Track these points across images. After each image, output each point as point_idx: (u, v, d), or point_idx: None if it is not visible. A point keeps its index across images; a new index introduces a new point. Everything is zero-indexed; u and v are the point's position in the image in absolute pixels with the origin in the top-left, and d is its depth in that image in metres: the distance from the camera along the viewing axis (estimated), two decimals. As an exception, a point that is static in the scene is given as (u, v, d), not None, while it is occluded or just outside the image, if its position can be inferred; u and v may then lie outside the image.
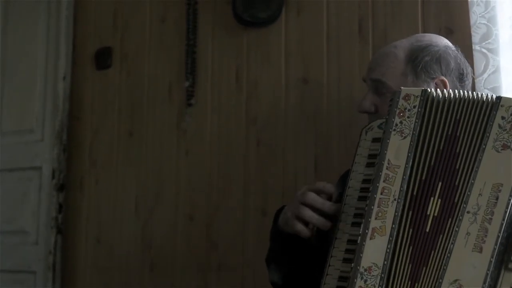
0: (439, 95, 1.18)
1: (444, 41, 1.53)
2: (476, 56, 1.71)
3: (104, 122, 2.46)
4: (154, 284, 2.27)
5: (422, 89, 1.19)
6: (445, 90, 1.20)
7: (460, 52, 1.53)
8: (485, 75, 1.70)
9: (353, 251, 1.14)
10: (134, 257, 2.32)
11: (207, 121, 2.24)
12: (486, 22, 1.72)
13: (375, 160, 1.19)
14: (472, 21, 1.74)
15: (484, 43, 1.71)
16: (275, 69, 2.14)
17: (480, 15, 1.73)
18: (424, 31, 1.86)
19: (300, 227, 1.25)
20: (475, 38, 1.73)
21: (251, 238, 2.10)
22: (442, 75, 1.47)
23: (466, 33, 1.78)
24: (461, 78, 1.50)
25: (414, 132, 1.16)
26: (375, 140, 1.23)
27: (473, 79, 1.65)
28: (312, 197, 1.24)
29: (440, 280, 1.06)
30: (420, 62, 1.47)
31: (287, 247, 1.36)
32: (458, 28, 1.82)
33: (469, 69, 1.53)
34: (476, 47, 1.72)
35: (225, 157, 2.19)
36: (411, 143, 1.16)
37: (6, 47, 2.74)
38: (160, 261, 2.27)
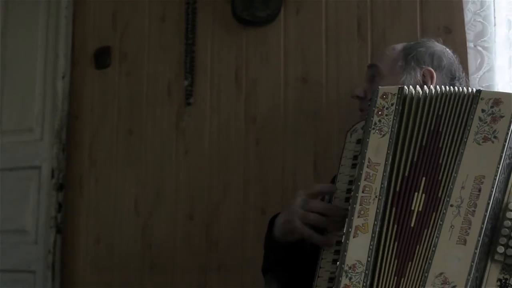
0: (419, 92, 1.19)
1: (443, 46, 1.58)
2: (471, 54, 1.71)
3: (104, 121, 2.46)
4: (153, 284, 2.27)
5: (399, 87, 1.20)
6: (425, 86, 1.21)
7: (457, 59, 1.56)
8: (480, 73, 1.70)
9: None
10: (134, 256, 2.32)
11: (206, 120, 2.25)
12: (481, 20, 1.72)
13: None
14: (467, 19, 1.74)
15: (479, 41, 1.71)
16: (274, 68, 2.14)
17: (476, 13, 1.73)
18: (423, 31, 1.87)
19: (309, 232, 1.24)
20: (470, 36, 1.73)
21: (251, 238, 2.10)
22: (432, 68, 1.49)
23: (461, 31, 1.78)
24: (452, 78, 1.52)
25: (392, 130, 1.17)
26: (359, 141, 1.24)
27: (468, 78, 1.66)
28: (315, 205, 1.24)
29: (426, 274, 1.07)
30: (413, 51, 1.52)
31: (286, 257, 1.36)
32: (454, 26, 1.83)
33: (463, 75, 1.55)
34: (471, 44, 1.72)
35: (225, 156, 2.20)
36: (390, 140, 1.16)
37: (6, 47, 2.74)
38: (160, 261, 2.27)
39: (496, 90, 1.68)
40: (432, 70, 1.49)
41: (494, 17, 1.72)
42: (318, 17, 2.08)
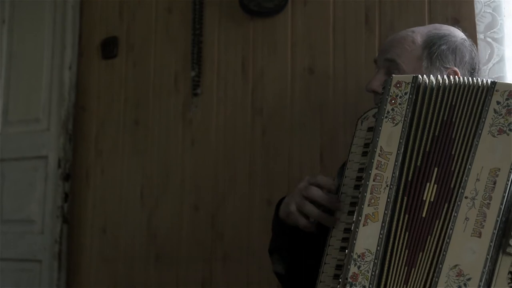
0: (432, 81, 1.18)
1: (461, 34, 1.53)
2: (481, 45, 1.71)
3: (110, 111, 2.46)
4: (159, 274, 2.28)
5: (413, 76, 1.19)
6: (438, 76, 1.20)
7: (474, 46, 1.53)
8: (490, 65, 1.70)
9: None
10: (139, 247, 2.33)
11: (213, 111, 2.24)
12: (491, 11, 1.71)
13: None
14: (477, 10, 1.74)
15: (489, 32, 1.71)
16: (281, 59, 2.13)
17: (485, 4, 1.72)
18: (431, 21, 1.85)
19: (303, 222, 1.26)
20: (480, 27, 1.72)
21: (256, 229, 2.10)
22: (455, 66, 1.47)
23: (471, 22, 1.77)
24: (472, 72, 1.50)
25: (405, 119, 1.16)
26: (370, 129, 1.23)
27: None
28: (314, 192, 1.24)
29: (440, 266, 1.06)
30: (437, 50, 1.47)
31: (290, 238, 1.37)
32: (464, 17, 1.81)
33: (480, 65, 1.53)
34: (480, 36, 1.72)
35: (231, 147, 2.19)
36: (403, 129, 1.16)
37: (13, 37, 2.75)
38: (165, 251, 2.28)
39: (506, 81, 1.67)
40: (456, 70, 1.46)
41: (504, 8, 1.71)
42: (326, 8, 2.07)
